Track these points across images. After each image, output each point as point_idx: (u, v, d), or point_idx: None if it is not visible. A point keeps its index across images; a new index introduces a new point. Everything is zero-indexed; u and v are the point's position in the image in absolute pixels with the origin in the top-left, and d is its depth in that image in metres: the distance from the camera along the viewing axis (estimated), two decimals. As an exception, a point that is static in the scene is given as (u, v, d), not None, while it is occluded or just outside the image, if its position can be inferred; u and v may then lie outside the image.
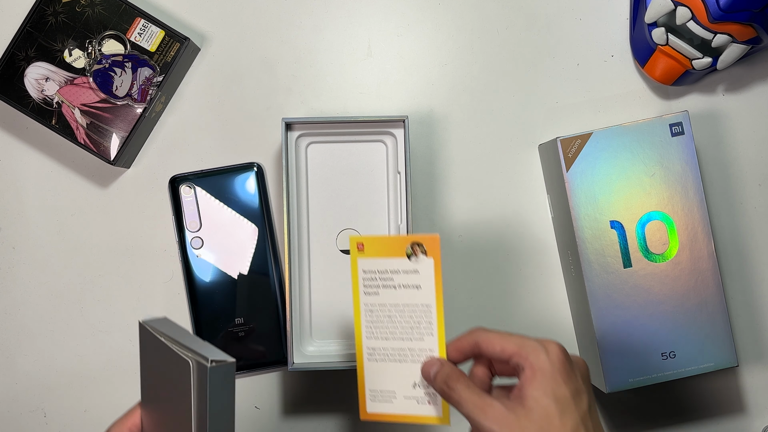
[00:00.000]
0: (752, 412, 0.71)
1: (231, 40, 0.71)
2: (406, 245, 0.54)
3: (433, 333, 0.54)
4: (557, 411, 0.48)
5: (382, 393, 0.56)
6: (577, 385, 0.49)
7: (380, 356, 0.56)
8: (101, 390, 0.71)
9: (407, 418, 0.56)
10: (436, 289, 0.54)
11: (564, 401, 0.48)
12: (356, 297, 0.55)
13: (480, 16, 0.71)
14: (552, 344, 0.50)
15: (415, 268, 0.54)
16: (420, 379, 0.54)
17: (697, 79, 0.70)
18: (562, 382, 0.49)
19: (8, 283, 0.71)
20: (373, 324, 0.55)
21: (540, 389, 0.48)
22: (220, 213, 0.69)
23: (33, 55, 0.67)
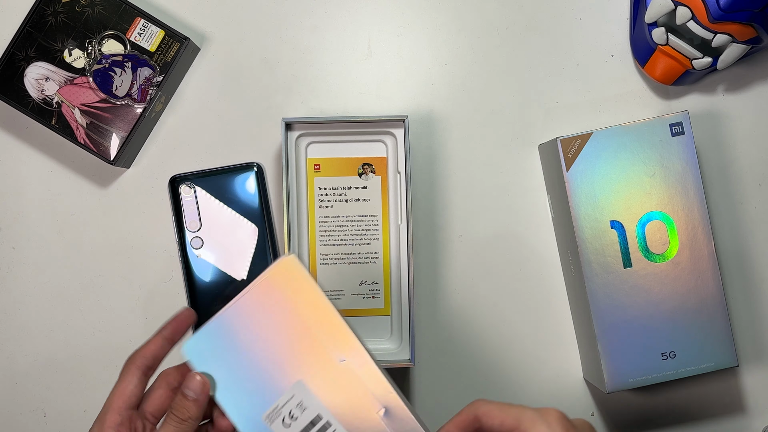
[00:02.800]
0: (752, 412, 0.71)
1: (231, 40, 0.71)
2: (358, 165, 0.66)
3: (379, 238, 0.67)
4: None
5: (332, 293, 0.67)
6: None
7: (332, 260, 0.67)
8: (101, 390, 0.71)
9: (355, 312, 0.67)
10: (383, 202, 0.67)
11: None
12: (312, 211, 0.67)
13: (480, 16, 0.71)
14: (551, 413, 0.48)
15: (365, 185, 0.67)
16: (366, 277, 0.63)
17: (697, 79, 0.70)
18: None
19: (8, 283, 0.71)
20: (326, 233, 0.67)
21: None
22: (220, 213, 0.69)
23: (33, 55, 0.67)
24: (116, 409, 0.49)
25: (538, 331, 0.70)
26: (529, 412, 0.49)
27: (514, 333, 0.70)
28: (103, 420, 0.49)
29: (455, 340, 0.70)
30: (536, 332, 0.70)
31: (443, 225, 0.70)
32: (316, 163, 0.68)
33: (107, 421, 0.49)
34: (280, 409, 0.50)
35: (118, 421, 0.49)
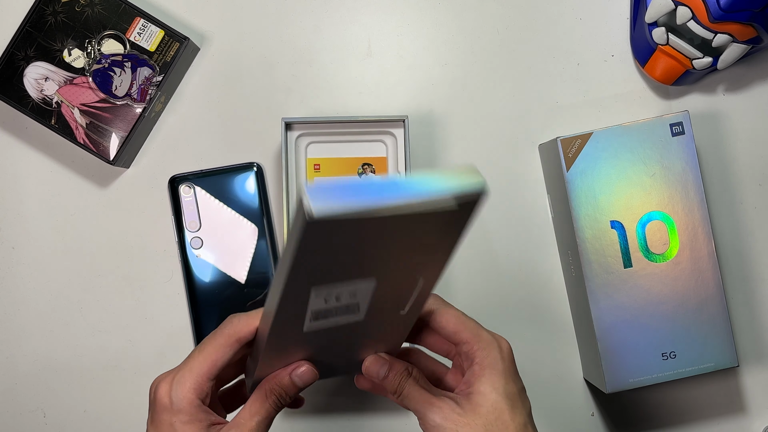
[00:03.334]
0: (752, 412, 0.71)
1: (231, 40, 0.71)
2: (358, 165, 0.64)
3: None
4: (507, 406, 0.48)
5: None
6: (522, 384, 0.50)
7: None
8: (101, 390, 0.71)
9: None
10: None
11: (513, 398, 0.49)
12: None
13: (480, 16, 0.71)
14: (504, 341, 0.51)
15: None
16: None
17: (697, 78, 0.70)
18: (511, 380, 0.49)
19: (8, 283, 0.71)
20: None
21: (489, 385, 0.48)
22: (220, 213, 0.69)
23: (32, 54, 0.67)
24: (204, 374, 0.47)
25: (538, 331, 0.70)
26: (485, 333, 0.50)
27: (514, 333, 0.70)
28: (181, 384, 0.47)
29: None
30: (536, 332, 0.70)
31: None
32: (316, 163, 0.68)
33: (186, 387, 0.47)
34: (334, 289, 0.45)
35: (198, 388, 0.47)
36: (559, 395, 0.70)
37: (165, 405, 0.47)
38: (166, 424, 0.47)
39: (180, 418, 0.47)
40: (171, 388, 0.47)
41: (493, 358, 0.49)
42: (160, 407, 0.47)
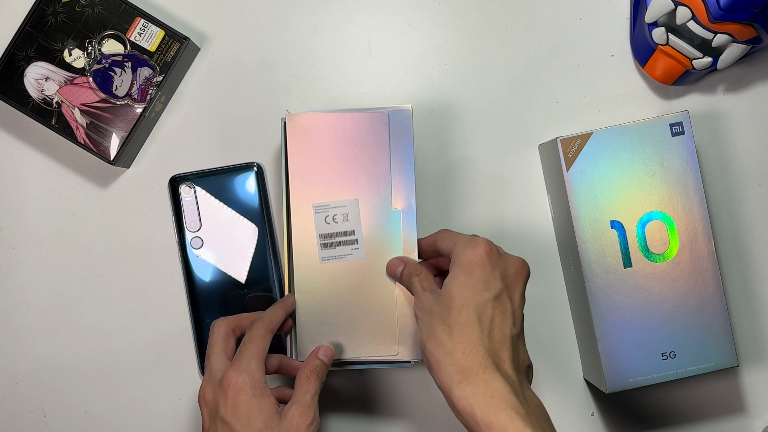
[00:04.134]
0: (752, 412, 0.71)
1: (231, 40, 0.71)
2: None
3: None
4: (457, 296, 0.53)
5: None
6: (486, 276, 0.54)
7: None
8: (101, 390, 0.71)
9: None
10: None
11: (465, 289, 0.53)
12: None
13: (480, 16, 0.71)
14: (481, 241, 0.55)
15: None
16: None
17: (697, 78, 0.70)
18: (471, 273, 0.54)
19: (8, 283, 0.71)
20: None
21: (452, 279, 0.54)
22: (220, 213, 0.69)
23: (33, 54, 0.67)
24: (261, 358, 0.57)
25: (538, 330, 0.70)
26: (462, 237, 0.57)
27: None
28: (249, 365, 0.56)
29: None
30: (536, 332, 0.70)
31: (443, 225, 0.70)
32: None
33: (253, 366, 0.56)
34: (329, 208, 0.62)
35: (262, 370, 0.57)
36: (559, 395, 0.70)
37: (242, 386, 0.55)
38: (245, 403, 0.55)
39: (256, 394, 0.55)
40: (242, 373, 0.56)
41: (464, 256, 0.54)
42: (237, 389, 0.55)
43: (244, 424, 0.55)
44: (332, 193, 0.63)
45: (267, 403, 0.56)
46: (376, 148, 0.63)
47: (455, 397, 0.51)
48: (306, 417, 0.56)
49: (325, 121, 0.63)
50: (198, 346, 0.70)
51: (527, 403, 0.51)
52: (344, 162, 0.63)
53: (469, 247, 0.55)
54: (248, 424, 0.55)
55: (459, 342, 0.52)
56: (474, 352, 0.51)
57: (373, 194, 0.62)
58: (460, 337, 0.52)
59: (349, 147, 0.63)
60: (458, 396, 0.51)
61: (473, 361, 0.51)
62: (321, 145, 0.63)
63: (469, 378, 0.51)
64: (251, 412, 0.55)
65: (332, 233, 0.62)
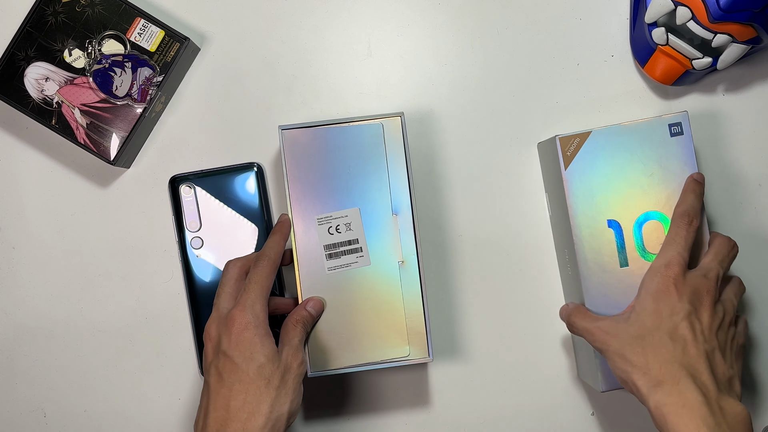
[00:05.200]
0: (752, 412, 0.71)
1: (231, 40, 0.71)
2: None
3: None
4: (648, 322, 0.57)
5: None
6: (673, 303, 0.57)
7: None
8: (101, 390, 0.71)
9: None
10: None
11: (654, 316, 0.57)
12: None
13: (480, 16, 0.71)
14: (670, 270, 0.59)
15: None
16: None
17: (697, 79, 0.70)
18: (659, 301, 0.58)
19: (8, 283, 0.71)
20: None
21: (642, 308, 0.59)
22: (220, 213, 0.69)
23: (33, 55, 0.67)
24: (264, 297, 0.60)
25: (535, 329, 0.70)
26: (656, 263, 0.61)
27: (511, 332, 0.70)
28: (254, 305, 0.59)
29: (454, 338, 0.70)
30: (533, 331, 0.70)
31: (443, 224, 0.70)
32: None
33: (258, 307, 0.59)
34: (332, 219, 0.63)
35: (265, 309, 0.60)
36: (559, 394, 0.70)
37: (246, 323, 0.58)
38: (248, 340, 0.58)
39: (260, 332, 0.58)
40: (246, 312, 0.59)
41: (648, 282, 0.59)
42: (241, 327, 0.58)
43: (246, 358, 0.58)
44: (333, 204, 0.63)
45: (269, 342, 0.59)
46: (373, 158, 0.63)
47: (652, 406, 0.55)
48: (296, 357, 0.60)
49: (320, 135, 0.63)
50: (198, 346, 0.70)
51: (721, 413, 0.54)
52: (342, 173, 0.63)
53: (658, 275, 0.59)
54: (250, 357, 0.58)
55: (654, 360, 0.56)
56: (669, 366, 0.55)
57: (373, 202, 0.63)
58: (654, 357, 0.56)
59: (346, 158, 0.63)
60: (654, 405, 0.55)
61: (668, 374, 0.55)
62: (317, 157, 0.63)
63: (664, 388, 0.55)
64: (254, 347, 0.58)
65: (336, 243, 0.63)
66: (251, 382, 0.58)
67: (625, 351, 0.57)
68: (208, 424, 0.57)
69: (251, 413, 0.57)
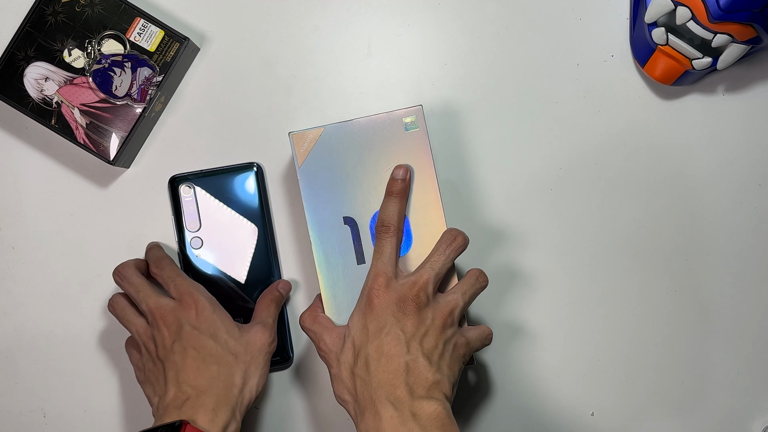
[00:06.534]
0: (752, 412, 0.71)
1: (231, 40, 0.71)
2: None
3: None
4: (361, 336, 0.59)
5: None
6: (378, 318, 0.58)
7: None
8: (101, 390, 0.71)
9: None
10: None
11: (367, 329, 0.59)
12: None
13: (480, 16, 0.71)
14: (377, 274, 0.60)
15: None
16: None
17: (697, 79, 0.70)
18: (370, 313, 0.59)
19: (8, 283, 0.71)
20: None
21: (352, 320, 0.60)
22: (220, 213, 0.69)
23: (32, 54, 0.67)
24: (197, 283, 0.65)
25: (533, 328, 0.70)
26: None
27: (511, 330, 0.71)
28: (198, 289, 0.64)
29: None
30: (532, 330, 0.70)
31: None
32: None
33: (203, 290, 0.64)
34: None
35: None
36: (558, 395, 0.70)
37: (204, 304, 0.62)
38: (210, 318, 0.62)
39: (218, 311, 0.63)
40: (200, 295, 0.63)
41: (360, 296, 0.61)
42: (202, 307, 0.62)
43: (212, 335, 0.61)
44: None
45: (229, 320, 0.63)
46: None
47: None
48: (267, 336, 0.63)
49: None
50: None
51: (414, 419, 0.54)
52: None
53: (365, 290, 0.60)
54: (216, 335, 0.61)
55: (360, 388, 0.58)
56: (368, 391, 0.56)
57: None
58: (360, 384, 0.58)
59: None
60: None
61: (367, 400, 0.56)
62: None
63: (365, 416, 0.56)
64: (217, 325, 0.62)
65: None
66: (222, 356, 0.60)
67: (342, 376, 0.58)
68: (177, 396, 0.58)
69: (226, 385, 0.59)
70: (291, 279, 0.70)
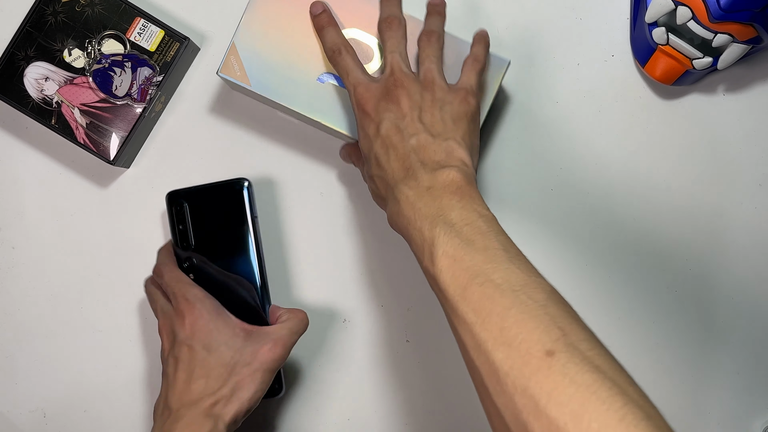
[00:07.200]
0: (752, 412, 0.71)
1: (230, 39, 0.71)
2: None
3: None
4: (364, 141, 0.58)
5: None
6: (372, 117, 0.57)
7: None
8: (101, 390, 0.71)
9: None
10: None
11: (366, 131, 0.58)
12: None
13: (479, 17, 0.71)
14: (351, 74, 0.59)
15: None
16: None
17: (697, 79, 0.70)
18: (362, 116, 0.58)
19: (8, 283, 0.71)
20: None
21: (358, 122, 0.59)
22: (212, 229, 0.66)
23: (32, 54, 0.67)
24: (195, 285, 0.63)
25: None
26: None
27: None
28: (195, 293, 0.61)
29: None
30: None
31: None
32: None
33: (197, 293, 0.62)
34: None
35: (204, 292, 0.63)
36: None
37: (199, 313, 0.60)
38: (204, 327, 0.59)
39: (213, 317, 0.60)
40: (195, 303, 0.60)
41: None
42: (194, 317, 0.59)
43: (205, 345, 0.58)
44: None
45: (226, 323, 0.59)
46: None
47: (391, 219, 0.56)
48: (275, 351, 0.59)
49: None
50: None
51: (429, 193, 0.53)
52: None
53: (351, 95, 0.59)
54: (209, 345, 0.58)
55: (377, 187, 0.59)
56: (385, 187, 0.57)
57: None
58: (373, 183, 0.59)
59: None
60: (391, 219, 0.56)
61: (383, 200, 0.58)
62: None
63: (389, 209, 0.56)
64: (211, 335, 0.59)
65: None
66: (212, 369, 0.57)
67: (370, 187, 0.60)
68: (164, 410, 0.57)
69: (213, 401, 0.56)
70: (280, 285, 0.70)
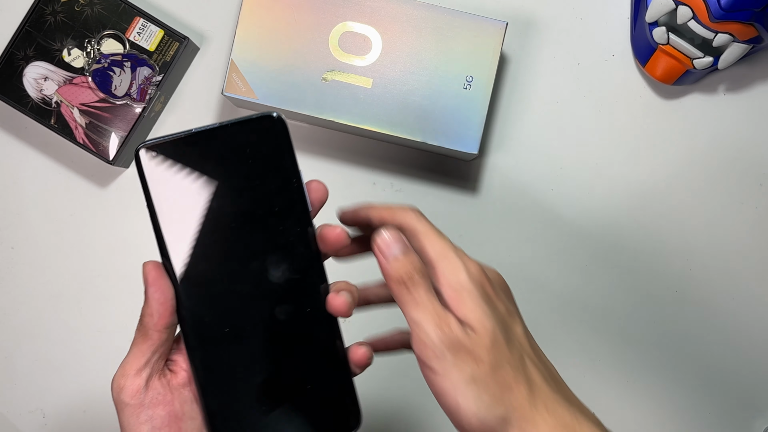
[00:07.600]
0: (752, 412, 0.71)
1: (231, 39, 0.71)
2: None
3: None
4: (503, 336, 0.41)
5: None
6: (506, 304, 0.43)
7: None
8: (101, 390, 0.71)
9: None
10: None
11: (504, 326, 0.42)
12: None
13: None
14: (471, 262, 0.43)
15: None
16: None
17: (697, 78, 0.69)
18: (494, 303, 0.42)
19: (8, 283, 0.71)
20: None
21: (478, 310, 0.41)
22: None
23: (32, 54, 0.67)
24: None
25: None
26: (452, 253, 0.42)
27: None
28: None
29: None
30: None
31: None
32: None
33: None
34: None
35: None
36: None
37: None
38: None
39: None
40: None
41: (462, 280, 0.43)
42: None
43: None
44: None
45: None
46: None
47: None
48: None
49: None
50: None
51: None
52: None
53: (463, 270, 0.43)
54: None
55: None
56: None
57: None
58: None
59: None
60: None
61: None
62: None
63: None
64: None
65: None
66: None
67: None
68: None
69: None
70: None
